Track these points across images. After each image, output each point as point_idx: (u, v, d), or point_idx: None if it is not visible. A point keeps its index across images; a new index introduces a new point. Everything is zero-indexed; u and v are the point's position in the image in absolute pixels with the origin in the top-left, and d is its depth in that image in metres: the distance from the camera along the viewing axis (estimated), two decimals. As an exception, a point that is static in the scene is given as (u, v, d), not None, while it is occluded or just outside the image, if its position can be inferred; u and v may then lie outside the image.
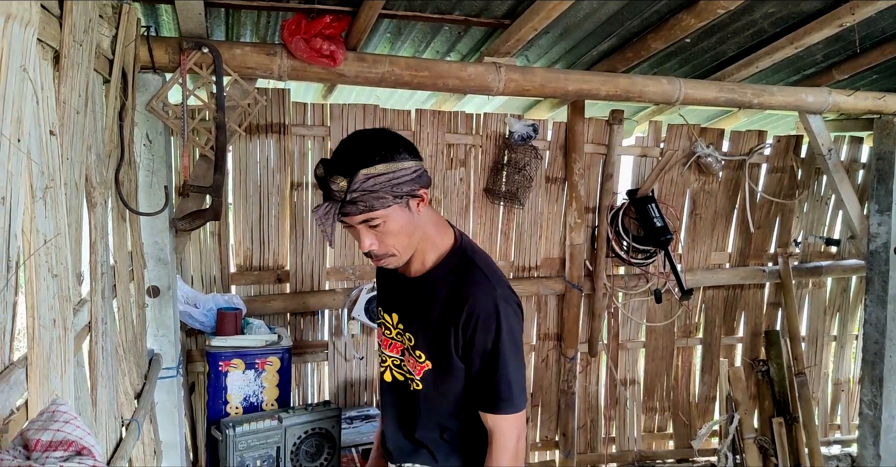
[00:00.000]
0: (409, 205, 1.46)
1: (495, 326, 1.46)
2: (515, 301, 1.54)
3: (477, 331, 1.47)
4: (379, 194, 1.40)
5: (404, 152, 1.43)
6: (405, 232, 1.48)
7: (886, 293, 3.30)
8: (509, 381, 1.48)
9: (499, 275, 1.56)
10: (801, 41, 2.66)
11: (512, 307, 1.51)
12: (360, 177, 1.38)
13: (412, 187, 1.43)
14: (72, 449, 0.72)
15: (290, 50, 2.28)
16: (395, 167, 1.41)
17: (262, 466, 2.33)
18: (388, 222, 1.45)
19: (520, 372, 1.51)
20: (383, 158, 1.40)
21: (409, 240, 1.50)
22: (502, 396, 1.48)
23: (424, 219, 1.52)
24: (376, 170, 1.39)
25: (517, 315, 1.52)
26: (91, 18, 1.42)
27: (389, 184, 1.40)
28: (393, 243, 1.48)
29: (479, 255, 1.59)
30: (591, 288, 3.49)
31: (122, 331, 1.77)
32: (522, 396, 1.51)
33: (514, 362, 1.49)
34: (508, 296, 1.51)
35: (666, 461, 3.84)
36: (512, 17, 2.46)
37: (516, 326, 1.51)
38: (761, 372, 3.75)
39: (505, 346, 1.47)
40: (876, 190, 3.37)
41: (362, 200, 1.39)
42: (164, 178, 2.21)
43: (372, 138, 1.45)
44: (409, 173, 1.43)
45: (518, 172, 3.20)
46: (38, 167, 1.05)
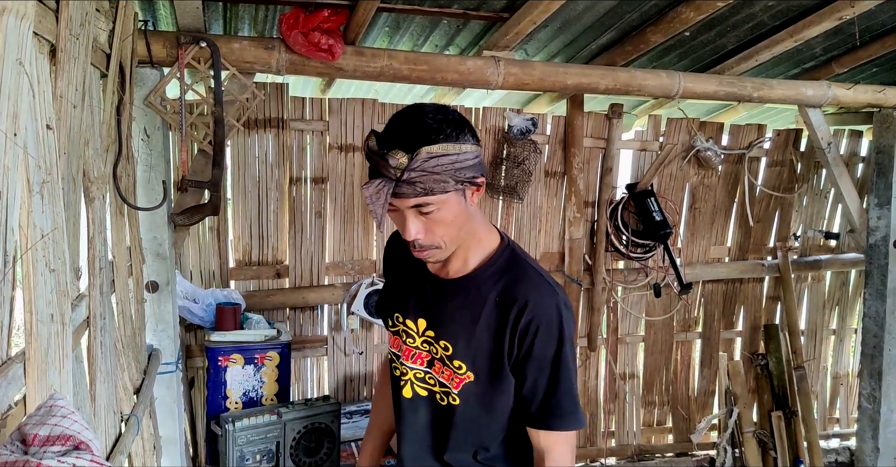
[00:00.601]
0: (466, 193, 1.31)
1: (558, 334, 1.32)
2: (571, 307, 1.41)
3: (537, 338, 1.32)
4: (441, 177, 1.25)
5: (469, 134, 1.29)
6: (457, 223, 1.33)
7: (885, 287, 3.30)
8: (572, 394, 1.35)
9: (553, 279, 1.41)
10: (801, 34, 2.65)
11: (572, 314, 1.39)
12: (422, 154, 1.24)
13: (474, 174, 1.29)
14: (69, 443, 0.72)
15: (289, 44, 2.27)
16: (460, 148, 1.26)
17: (261, 461, 2.34)
18: (443, 209, 1.30)
19: (575, 388, 1.37)
20: (448, 137, 1.25)
21: (459, 232, 1.35)
22: (564, 411, 1.34)
23: (475, 213, 1.38)
24: (441, 150, 1.25)
25: (574, 323, 1.40)
26: (87, 12, 1.41)
27: (453, 168, 1.26)
28: (442, 234, 1.34)
29: (529, 256, 1.45)
30: (591, 282, 3.49)
31: (121, 327, 1.77)
32: (580, 414, 1.38)
33: (573, 375, 1.37)
34: (567, 301, 1.38)
35: (665, 455, 3.84)
36: (511, 10, 2.45)
37: (573, 335, 1.38)
38: (760, 366, 3.75)
39: (567, 356, 1.34)
40: (875, 183, 3.37)
41: (421, 181, 1.24)
42: (162, 173, 2.21)
43: (437, 114, 1.29)
44: (472, 158, 1.28)
45: (517, 166, 3.19)
46: (34, 161, 1.05)
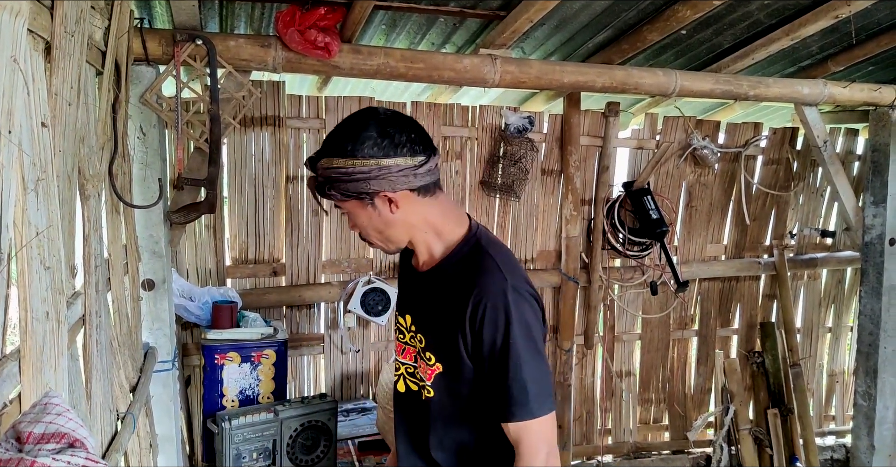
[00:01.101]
0: (375, 203, 1.38)
1: (504, 319, 1.32)
2: (531, 293, 1.39)
3: (486, 325, 1.33)
4: (332, 188, 1.36)
5: (371, 149, 1.33)
6: (371, 226, 1.43)
7: (881, 284, 3.31)
8: (524, 383, 1.31)
9: (513, 266, 1.42)
10: (797, 33, 2.65)
11: (526, 299, 1.36)
12: (319, 165, 1.38)
13: (367, 188, 1.34)
14: (64, 441, 0.72)
15: (285, 42, 2.26)
16: (351, 164, 1.33)
17: (258, 459, 2.34)
18: (351, 214, 1.42)
19: (539, 371, 1.34)
20: (342, 152, 1.34)
21: (381, 234, 1.44)
22: (517, 401, 1.31)
23: (415, 215, 1.42)
24: (332, 164, 1.35)
25: (533, 308, 1.37)
26: (83, 9, 1.41)
27: (337, 181, 1.35)
28: (367, 233, 1.45)
29: (495, 245, 1.46)
30: (587, 280, 3.50)
31: (117, 324, 1.77)
32: (544, 399, 1.33)
33: (530, 360, 1.32)
34: (522, 286, 1.37)
35: (661, 452, 3.85)
36: (507, 8, 2.45)
37: (532, 320, 1.36)
38: (756, 363, 3.76)
39: (517, 342, 1.31)
40: (871, 182, 3.37)
41: (320, 186, 1.39)
42: (158, 171, 2.20)
43: (348, 127, 1.37)
44: (366, 173, 1.33)
45: (514, 165, 3.19)
46: (29, 159, 1.04)
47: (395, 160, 1.34)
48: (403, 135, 1.36)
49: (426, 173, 1.38)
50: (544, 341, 1.43)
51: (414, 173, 1.36)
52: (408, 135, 1.37)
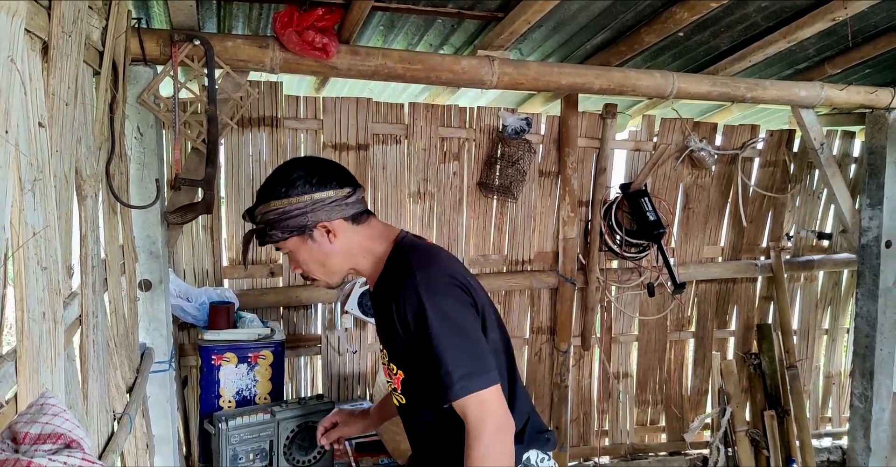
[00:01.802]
0: (314, 235, 1.54)
1: (421, 313, 1.41)
2: (450, 282, 1.48)
3: (409, 322, 1.44)
4: (273, 229, 1.53)
5: (303, 186, 1.52)
6: (313, 260, 1.58)
7: (877, 286, 3.32)
8: (448, 367, 1.39)
9: (431, 261, 1.52)
10: (794, 35, 2.66)
11: (441, 289, 1.45)
12: (257, 213, 1.56)
13: (305, 221, 1.52)
14: (60, 441, 0.72)
15: (283, 42, 2.26)
16: (286, 204, 1.51)
17: (255, 460, 2.33)
18: (293, 252, 1.58)
19: (464, 350, 1.42)
20: (278, 195, 1.52)
21: (323, 266, 1.59)
22: (446, 384, 1.39)
23: (351, 242, 1.57)
24: (269, 207, 1.54)
25: (451, 295, 1.46)
26: (80, 9, 1.40)
27: (278, 220, 1.52)
28: (308, 269, 1.61)
29: (416, 249, 1.57)
30: (585, 281, 3.50)
31: (114, 325, 1.77)
32: (474, 377, 1.39)
33: (451, 345, 1.41)
34: (435, 279, 1.46)
35: (658, 454, 3.86)
36: (505, 10, 2.45)
37: (448, 302, 1.44)
38: (753, 365, 3.77)
39: (436, 330, 1.40)
40: (867, 184, 3.38)
41: (261, 233, 1.56)
42: (155, 171, 2.20)
43: (277, 174, 1.57)
44: (302, 208, 1.51)
45: (511, 166, 3.19)
46: (26, 159, 1.04)
47: (326, 193, 1.53)
48: (328, 172, 1.57)
49: (355, 203, 1.57)
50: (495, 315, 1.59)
51: (345, 203, 1.55)
52: (332, 172, 1.57)
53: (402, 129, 3.13)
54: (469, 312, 1.49)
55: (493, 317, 1.61)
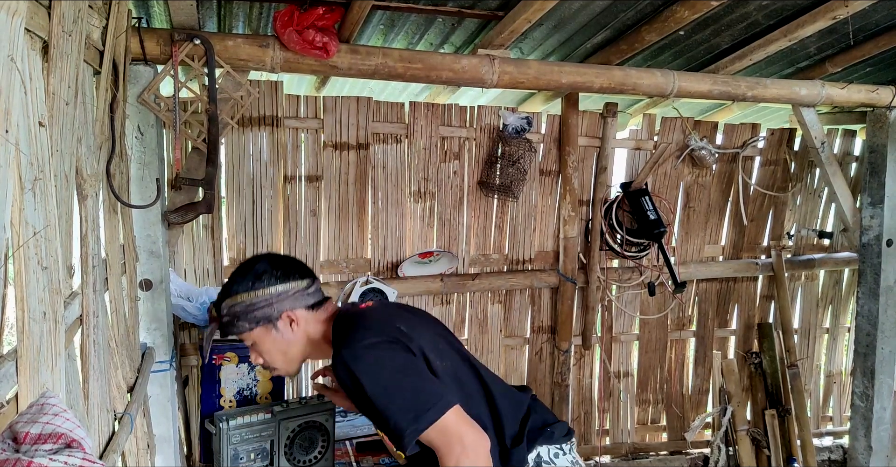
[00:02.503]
0: (278, 325, 1.67)
1: (353, 382, 1.50)
2: (366, 343, 1.53)
3: (352, 391, 1.52)
4: (240, 320, 1.66)
5: (268, 279, 1.67)
6: (276, 350, 1.71)
7: (878, 285, 3.31)
8: (394, 420, 1.46)
9: (348, 331, 1.60)
10: (795, 33, 2.66)
11: (362, 350, 1.52)
12: (224, 306, 1.69)
13: (271, 312, 1.65)
14: (61, 441, 0.72)
15: (283, 42, 2.26)
16: (253, 296, 1.65)
17: (255, 459, 2.33)
18: (257, 342, 1.70)
19: (403, 399, 1.48)
20: (245, 288, 1.66)
21: (285, 355, 1.72)
22: (398, 434, 1.46)
23: (310, 329, 1.70)
24: (235, 300, 1.67)
25: (376, 350, 1.53)
26: (80, 9, 1.40)
27: (245, 312, 1.65)
28: (269, 359, 1.73)
29: (341, 323, 1.67)
30: (585, 281, 3.50)
31: (115, 325, 1.77)
32: (420, 416, 1.45)
33: (391, 396, 1.48)
34: (353, 347, 1.53)
35: (659, 453, 3.85)
36: (506, 8, 2.45)
37: (376, 360, 1.51)
38: (754, 364, 3.77)
39: (371, 392, 1.47)
40: (868, 183, 3.38)
41: (227, 325, 1.68)
42: (156, 171, 2.20)
43: (243, 269, 1.71)
44: (268, 299, 1.65)
45: (512, 165, 3.19)
46: (26, 158, 1.04)
47: (289, 285, 1.68)
48: (290, 265, 1.72)
49: (315, 292, 1.73)
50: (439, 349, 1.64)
51: (306, 293, 1.70)
52: (293, 266, 1.73)
53: (402, 129, 3.13)
54: (400, 359, 1.54)
55: (441, 346, 1.66)
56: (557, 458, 1.67)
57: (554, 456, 1.67)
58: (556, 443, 1.69)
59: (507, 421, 1.65)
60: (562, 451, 1.69)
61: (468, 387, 1.64)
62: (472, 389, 1.64)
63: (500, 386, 1.75)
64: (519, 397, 1.77)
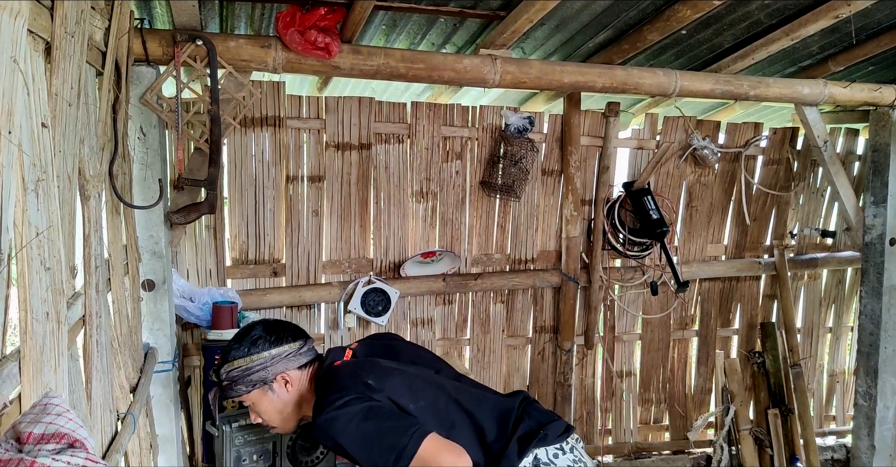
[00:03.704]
0: (273, 387, 1.79)
1: (334, 444, 1.60)
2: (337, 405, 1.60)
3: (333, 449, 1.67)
4: (237, 384, 1.77)
5: (263, 344, 1.79)
6: (273, 409, 1.82)
7: (881, 284, 3.31)
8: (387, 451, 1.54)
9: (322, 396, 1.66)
10: (797, 32, 2.65)
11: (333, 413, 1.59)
12: (222, 372, 1.80)
13: (266, 375, 1.77)
14: (64, 441, 0.72)
15: (285, 42, 2.27)
16: (248, 361, 1.77)
17: (258, 461, 2.33)
18: (255, 403, 1.82)
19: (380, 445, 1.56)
20: (241, 354, 1.78)
21: (281, 414, 1.83)
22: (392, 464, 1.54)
23: (303, 388, 1.82)
24: (233, 366, 1.78)
25: (347, 407, 1.59)
26: (83, 10, 1.41)
27: (242, 376, 1.76)
28: (267, 419, 1.84)
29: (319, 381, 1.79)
30: (588, 280, 3.49)
31: (117, 325, 1.77)
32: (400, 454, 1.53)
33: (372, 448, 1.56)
34: (325, 406, 1.61)
35: (662, 452, 3.85)
36: (507, 8, 2.45)
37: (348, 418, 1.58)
38: (757, 363, 3.76)
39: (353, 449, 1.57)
40: (871, 181, 3.37)
41: (227, 389, 1.80)
42: (158, 172, 2.20)
43: (239, 336, 1.83)
44: (263, 363, 1.77)
45: (514, 165, 3.19)
46: (29, 159, 1.04)
47: (282, 348, 1.80)
48: (282, 330, 1.84)
49: (308, 351, 1.85)
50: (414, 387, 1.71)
51: (297, 354, 1.82)
52: (285, 330, 1.85)
53: (404, 129, 3.13)
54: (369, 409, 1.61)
55: (417, 386, 1.72)
56: (557, 458, 1.66)
57: (553, 457, 1.66)
58: (554, 443, 1.68)
59: (491, 436, 1.71)
60: (562, 451, 1.68)
61: (450, 417, 1.70)
62: (454, 418, 1.71)
63: (485, 401, 1.79)
64: (508, 405, 1.79)
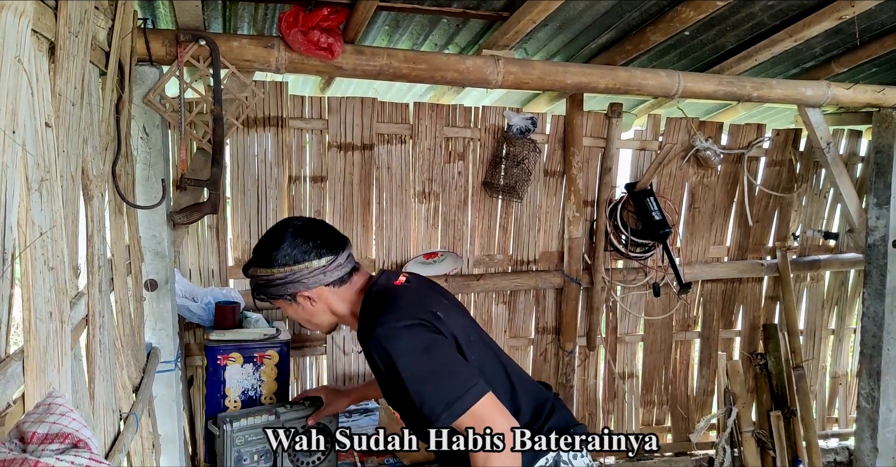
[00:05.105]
0: (297, 300, 1.71)
1: (387, 361, 1.51)
2: (408, 322, 1.54)
3: (382, 370, 1.54)
4: (260, 293, 1.72)
5: (286, 259, 1.66)
6: (301, 317, 1.76)
7: (884, 286, 3.30)
8: (428, 404, 1.48)
9: (384, 309, 1.59)
10: (801, 34, 2.65)
11: (399, 332, 1.52)
12: (250, 273, 1.75)
13: (286, 291, 1.67)
14: (68, 441, 0.72)
15: (288, 42, 2.27)
16: (270, 272, 1.67)
17: (259, 460, 2.33)
18: (283, 309, 1.77)
19: (439, 383, 1.49)
20: (264, 263, 1.68)
21: (310, 321, 1.77)
22: (431, 419, 1.48)
23: (332, 303, 1.72)
24: (257, 272, 1.72)
25: (412, 333, 1.53)
26: (87, 10, 1.41)
27: (264, 286, 1.70)
28: (300, 322, 1.80)
29: (376, 298, 1.66)
30: (590, 281, 3.49)
31: (120, 325, 1.77)
32: (454, 403, 1.47)
33: (428, 383, 1.49)
34: (390, 326, 1.53)
35: (664, 454, 3.85)
36: (510, 9, 2.45)
37: (413, 344, 1.52)
38: (759, 365, 3.76)
39: (407, 374, 1.49)
40: (874, 183, 3.37)
41: (253, 291, 1.76)
42: (161, 172, 2.20)
43: (266, 240, 1.72)
44: (284, 278, 1.66)
45: (516, 166, 3.19)
46: (33, 159, 1.04)
47: (304, 265, 1.65)
48: (310, 242, 1.67)
49: (335, 269, 1.68)
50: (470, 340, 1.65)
51: (323, 272, 1.67)
52: (314, 242, 1.67)
53: (406, 129, 3.13)
54: (435, 343, 1.54)
55: (472, 338, 1.67)
56: (576, 460, 1.70)
57: (573, 457, 1.69)
58: (580, 450, 1.72)
59: (526, 418, 1.67)
60: (581, 453, 1.70)
61: (494, 381, 1.65)
62: (497, 383, 1.65)
63: (526, 382, 1.77)
64: (544, 394, 1.79)
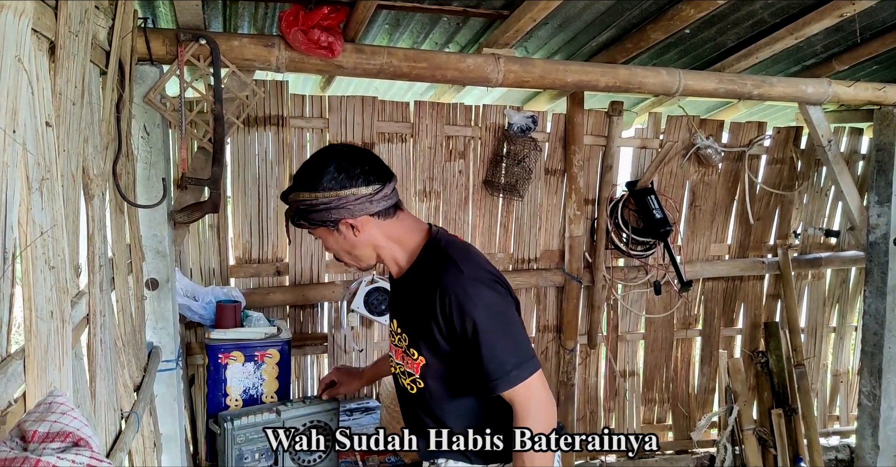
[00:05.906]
0: (340, 228, 1.60)
1: (469, 307, 1.50)
2: (490, 278, 1.57)
3: (454, 315, 1.51)
4: (301, 218, 1.61)
5: (331, 182, 1.56)
6: (341, 248, 1.66)
7: (885, 284, 3.30)
8: (500, 360, 1.50)
9: (470, 258, 1.61)
10: (801, 32, 2.65)
11: (485, 284, 1.54)
12: (290, 199, 1.63)
13: (330, 217, 1.57)
14: (69, 440, 0.72)
15: (288, 41, 2.27)
16: (314, 197, 1.57)
17: (260, 459, 2.34)
18: (322, 239, 1.67)
19: (510, 345, 1.52)
20: (306, 187, 1.58)
21: (351, 255, 1.67)
22: (496, 376, 1.50)
23: (377, 236, 1.63)
24: (299, 197, 1.60)
25: (494, 289, 1.55)
26: (87, 9, 1.41)
27: (305, 211, 1.59)
28: (337, 255, 1.70)
29: (454, 245, 1.65)
30: (591, 280, 3.49)
31: (121, 324, 1.77)
32: (523, 366, 1.50)
33: (500, 338, 1.51)
34: (479, 274, 1.55)
35: (665, 452, 3.85)
36: (511, 7, 2.44)
37: (495, 299, 1.54)
38: (760, 363, 3.75)
39: (484, 326, 1.50)
40: (875, 181, 3.36)
41: (293, 217, 1.63)
42: (162, 171, 2.20)
43: (310, 164, 1.62)
44: (327, 204, 1.56)
45: (517, 164, 3.19)
46: (34, 158, 1.04)
47: (351, 191, 1.56)
48: (357, 168, 1.58)
49: (382, 199, 1.60)
50: (518, 310, 1.65)
51: (370, 200, 1.58)
52: (362, 168, 1.58)
53: (407, 128, 3.13)
54: (510, 304, 1.59)
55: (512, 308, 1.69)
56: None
57: None
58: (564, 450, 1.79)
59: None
60: None
61: None
62: None
63: None
64: None
